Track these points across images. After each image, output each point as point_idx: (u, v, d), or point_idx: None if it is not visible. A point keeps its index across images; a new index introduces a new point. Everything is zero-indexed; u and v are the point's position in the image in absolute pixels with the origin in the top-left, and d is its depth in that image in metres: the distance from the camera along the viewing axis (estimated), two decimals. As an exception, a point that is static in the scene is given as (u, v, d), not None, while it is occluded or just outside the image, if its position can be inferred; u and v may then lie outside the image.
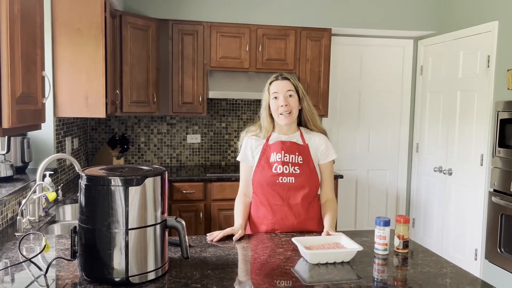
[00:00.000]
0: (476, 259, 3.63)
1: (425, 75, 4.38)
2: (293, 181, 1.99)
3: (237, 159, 2.14)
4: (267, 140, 2.06)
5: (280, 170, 1.99)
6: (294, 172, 1.99)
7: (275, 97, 1.99)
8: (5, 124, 1.34)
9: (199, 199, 3.64)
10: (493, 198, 3.36)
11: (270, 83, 2.04)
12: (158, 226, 1.44)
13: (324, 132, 2.10)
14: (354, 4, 4.07)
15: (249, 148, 2.08)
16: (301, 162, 2.01)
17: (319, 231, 2.02)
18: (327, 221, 1.98)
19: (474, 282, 1.51)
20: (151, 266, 1.42)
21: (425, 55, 4.39)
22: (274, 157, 2.01)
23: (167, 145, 4.22)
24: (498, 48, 3.40)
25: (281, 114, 1.98)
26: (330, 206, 2.04)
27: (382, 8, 4.11)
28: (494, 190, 3.38)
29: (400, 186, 4.65)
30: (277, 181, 1.99)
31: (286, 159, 2.00)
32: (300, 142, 2.05)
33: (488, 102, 3.49)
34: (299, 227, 2.02)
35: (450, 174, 3.96)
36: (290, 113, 1.98)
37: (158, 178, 1.43)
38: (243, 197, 2.11)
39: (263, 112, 2.06)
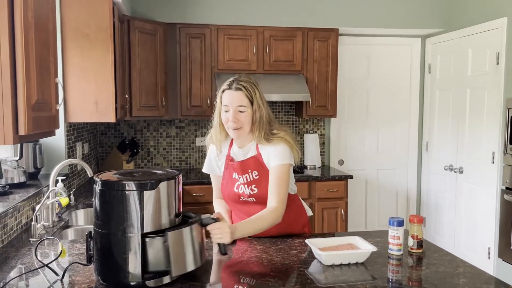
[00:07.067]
0: (489, 257, 3.60)
1: (434, 73, 4.36)
2: (254, 200, 1.91)
3: (203, 170, 2.06)
4: (229, 151, 1.96)
5: (241, 190, 1.93)
6: (252, 193, 1.90)
7: (226, 110, 1.84)
8: (22, 131, 1.36)
9: (209, 202, 3.61)
10: (506, 196, 3.33)
11: (223, 91, 1.85)
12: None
13: (282, 138, 1.88)
14: (360, 4, 4.06)
15: (213, 159, 2.01)
16: (257, 177, 1.89)
17: (306, 233, 2.05)
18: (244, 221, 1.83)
19: (489, 280, 1.50)
20: (166, 269, 1.42)
21: (433, 53, 4.37)
22: (235, 175, 1.94)
23: (176, 148, 4.23)
24: (507, 44, 3.37)
25: (229, 128, 1.85)
26: (263, 212, 1.81)
27: (388, 7, 4.10)
28: (507, 188, 3.36)
29: (410, 185, 4.62)
30: (240, 199, 1.95)
31: (242, 180, 1.91)
32: (254, 152, 1.91)
33: (498, 99, 3.46)
34: (281, 232, 1.94)
35: (461, 172, 3.94)
36: (239, 128, 1.84)
37: (172, 181, 1.43)
38: (219, 199, 2.12)
39: (215, 120, 1.91)
